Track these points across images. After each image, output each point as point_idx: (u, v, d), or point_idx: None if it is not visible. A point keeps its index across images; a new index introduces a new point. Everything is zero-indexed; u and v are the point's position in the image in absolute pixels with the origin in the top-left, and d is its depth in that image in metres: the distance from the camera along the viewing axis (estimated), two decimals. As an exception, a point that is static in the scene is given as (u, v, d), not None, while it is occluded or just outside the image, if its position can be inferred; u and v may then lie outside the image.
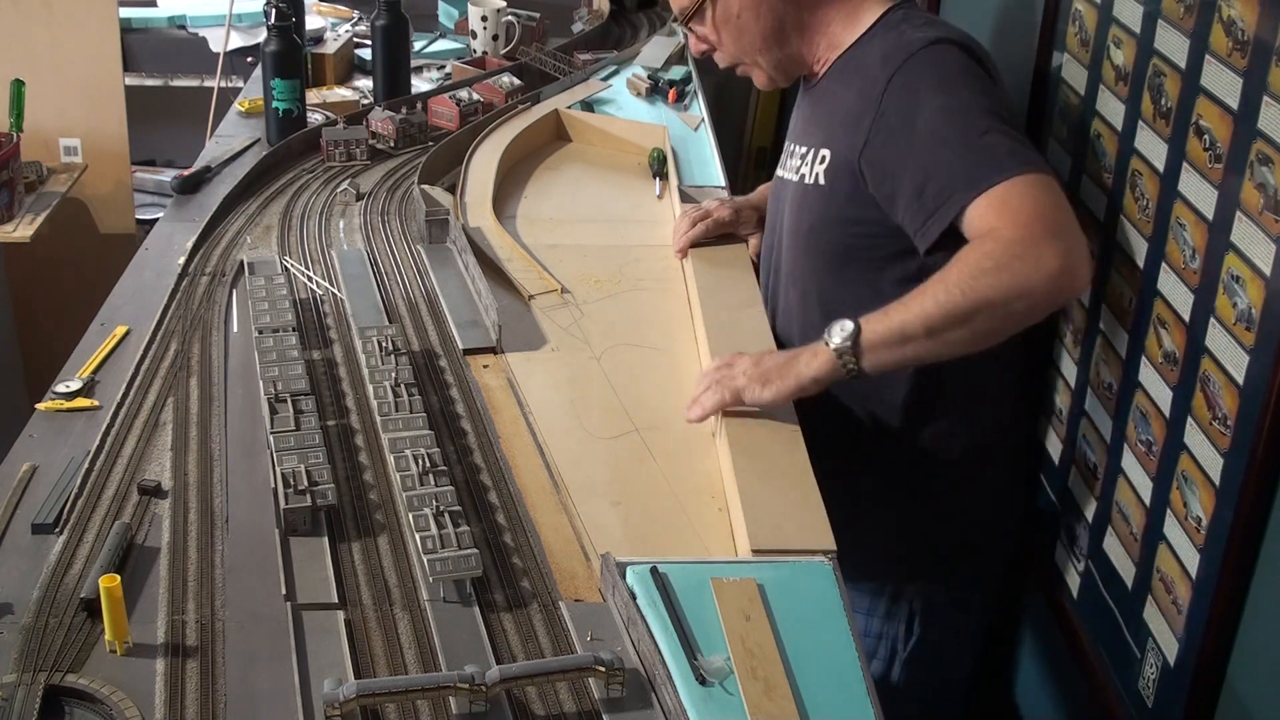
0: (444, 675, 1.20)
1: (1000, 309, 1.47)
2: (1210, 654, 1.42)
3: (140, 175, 3.70)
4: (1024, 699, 2.03)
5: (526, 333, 1.86)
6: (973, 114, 1.57)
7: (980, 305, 1.47)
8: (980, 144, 1.54)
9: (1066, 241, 1.47)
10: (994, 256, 1.47)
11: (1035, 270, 1.45)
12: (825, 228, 1.77)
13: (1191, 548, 1.45)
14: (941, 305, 1.48)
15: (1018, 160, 1.53)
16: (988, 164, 1.53)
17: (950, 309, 1.48)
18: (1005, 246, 1.47)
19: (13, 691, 1.17)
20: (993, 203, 1.51)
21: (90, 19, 3.29)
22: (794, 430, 1.59)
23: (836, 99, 1.76)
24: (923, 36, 1.66)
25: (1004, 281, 1.46)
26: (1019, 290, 1.46)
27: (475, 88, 2.76)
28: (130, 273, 2.06)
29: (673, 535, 1.47)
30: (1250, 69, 1.33)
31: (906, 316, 1.51)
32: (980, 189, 1.52)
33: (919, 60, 1.63)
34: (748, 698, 1.18)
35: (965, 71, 1.63)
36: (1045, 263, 1.45)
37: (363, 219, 2.23)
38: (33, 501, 1.45)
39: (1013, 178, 1.51)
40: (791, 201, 1.84)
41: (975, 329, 1.49)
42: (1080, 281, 1.51)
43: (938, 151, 1.58)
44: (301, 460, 1.48)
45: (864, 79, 1.70)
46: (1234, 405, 1.36)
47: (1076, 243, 1.49)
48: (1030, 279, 1.45)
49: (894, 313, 1.52)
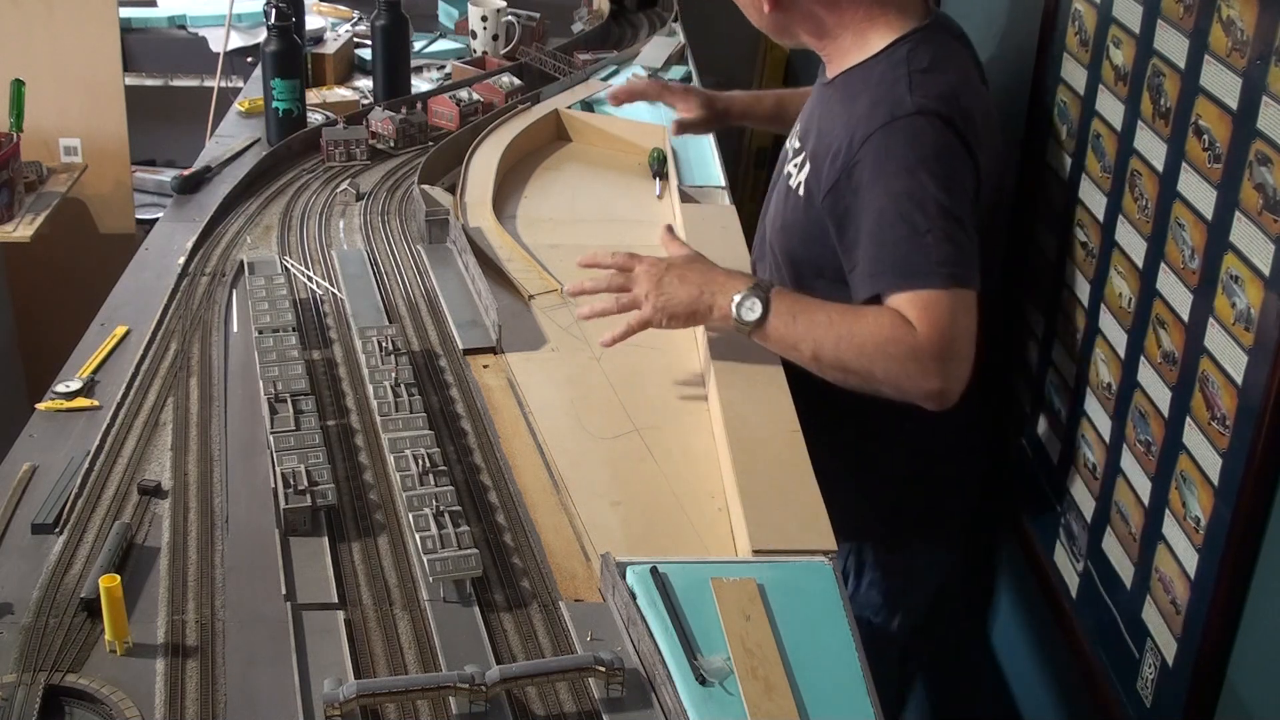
0: (444, 675, 1.20)
1: (874, 383, 1.65)
2: (1209, 654, 1.42)
3: (140, 175, 3.70)
4: (1022, 698, 2.04)
5: (526, 333, 1.86)
6: (928, 207, 1.65)
7: (862, 372, 1.64)
8: (924, 242, 1.64)
9: (957, 365, 1.63)
10: (899, 347, 1.62)
11: (919, 381, 1.62)
12: (793, 232, 1.86)
13: (1190, 548, 1.45)
14: (835, 348, 1.64)
15: (949, 270, 1.64)
16: (923, 264, 1.64)
17: (839, 357, 1.65)
18: (910, 348, 1.61)
19: (13, 691, 1.17)
20: (915, 302, 1.63)
21: (90, 19, 3.29)
22: (794, 430, 1.59)
23: (832, 118, 1.79)
24: (912, 100, 1.68)
25: (890, 372, 1.62)
26: (896, 386, 1.64)
27: (475, 88, 2.76)
28: (130, 273, 2.06)
29: (673, 535, 1.47)
30: (1249, 69, 1.33)
31: (807, 334, 1.66)
32: (908, 285, 1.64)
33: (900, 130, 1.68)
34: (748, 698, 1.18)
35: (937, 156, 1.68)
36: (929, 380, 1.62)
37: (363, 219, 2.23)
38: (33, 501, 1.45)
39: (939, 289, 1.63)
40: (779, 192, 1.93)
41: (847, 380, 1.67)
42: (947, 404, 1.65)
43: (885, 231, 1.67)
44: (301, 460, 1.48)
45: (854, 117, 1.73)
46: (1233, 405, 1.36)
47: (963, 369, 1.64)
48: (910, 385, 1.63)
49: (801, 321, 1.66)
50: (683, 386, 1.75)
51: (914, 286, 1.64)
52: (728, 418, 1.60)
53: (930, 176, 1.65)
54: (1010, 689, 2.08)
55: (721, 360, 1.73)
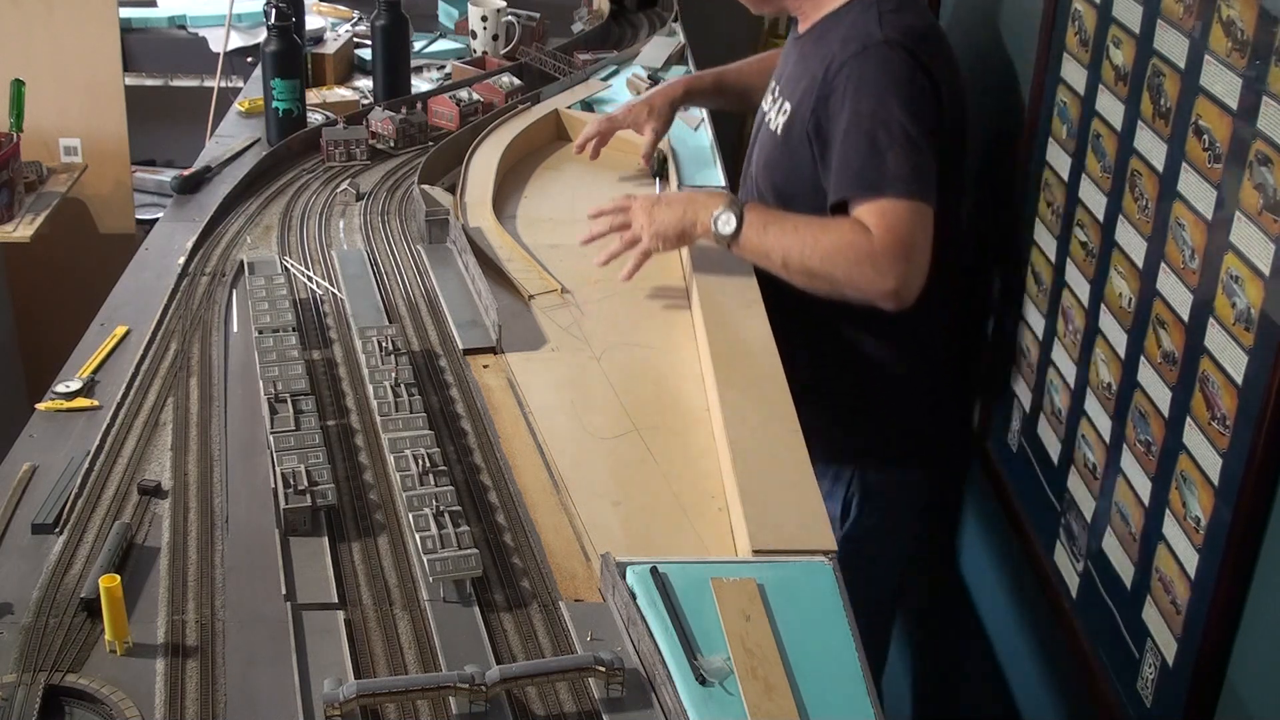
0: (444, 675, 1.20)
1: (837, 286, 1.85)
2: (1209, 654, 1.42)
3: (140, 175, 3.70)
4: (1022, 698, 2.04)
5: (526, 333, 1.86)
6: (892, 128, 1.83)
7: (825, 276, 1.84)
8: (884, 158, 1.83)
9: (911, 268, 1.81)
10: (856, 251, 1.81)
11: (875, 282, 1.81)
12: (776, 168, 2.05)
13: (1190, 548, 1.45)
14: (801, 255, 1.84)
15: (905, 184, 1.82)
16: (882, 177, 1.83)
17: (806, 263, 1.84)
18: (867, 251, 1.80)
19: (13, 691, 1.17)
20: (873, 210, 1.82)
21: (90, 19, 3.29)
22: (794, 430, 1.59)
23: (808, 63, 1.98)
24: (880, 34, 1.87)
25: (850, 274, 1.82)
26: (855, 287, 1.83)
27: (475, 88, 2.76)
28: (130, 273, 2.06)
29: (673, 535, 1.47)
30: (1249, 69, 1.33)
31: (778, 242, 1.86)
32: (868, 195, 1.83)
33: (869, 58, 1.86)
34: (748, 698, 1.18)
35: (904, 81, 1.85)
36: (885, 281, 1.80)
37: (363, 219, 2.23)
38: (33, 501, 1.45)
39: (895, 199, 1.81)
40: (761, 138, 2.13)
41: (813, 285, 1.86)
42: (904, 303, 1.83)
43: (850, 147, 1.86)
44: (301, 460, 1.48)
45: (828, 53, 1.92)
46: (1233, 405, 1.36)
47: (918, 271, 1.82)
48: (868, 285, 1.82)
49: (772, 231, 1.87)
50: (683, 386, 1.75)
51: (873, 196, 1.82)
52: (728, 418, 1.60)
53: (896, 100, 1.84)
54: (1010, 689, 2.08)
55: (721, 360, 1.73)
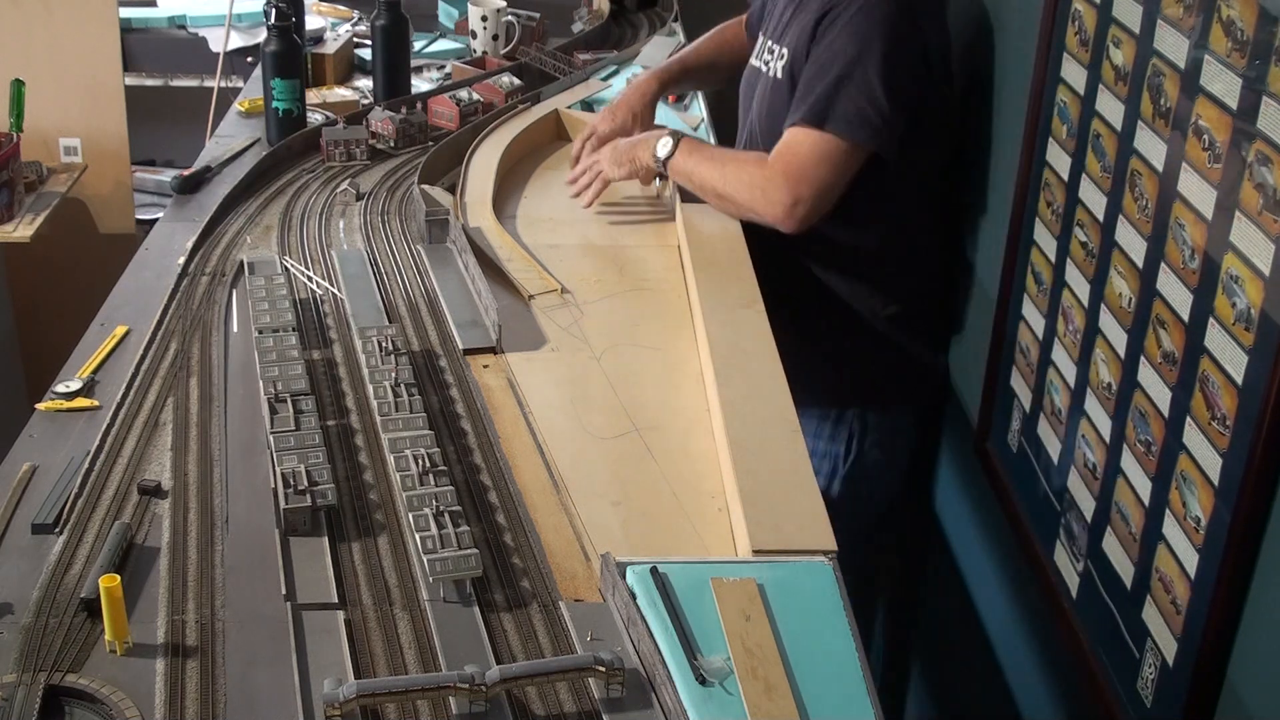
0: (444, 675, 1.20)
1: (741, 210, 2.11)
2: (1209, 654, 1.42)
3: (140, 175, 3.70)
4: (1022, 698, 2.04)
5: (526, 333, 1.86)
6: (856, 68, 2.00)
7: (731, 199, 2.10)
8: (834, 94, 2.01)
9: (803, 195, 2.03)
10: (754, 175, 2.06)
11: (768, 206, 2.06)
12: (776, 113, 2.17)
13: (1190, 548, 1.45)
14: (714, 180, 2.11)
15: (843, 122, 2.01)
16: (818, 109, 2.02)
17: (716, 186, 2.11)
18: (761, 175, 2.05)
19: (13, 691, 1.17)
20: (795, 136, 2.04)
21: (90, 19, 3.29)
22: (794, 430, 1.59)
23: (804, 5, 2.13)
24: None
25: (745, 196, 2.08)
26: (751, 209, 2.09)
27: (475, 88, 2.76)
28: (130, 273, 2.06)
29: (673, 535, 1.47)
30: (1249, 69, 1.33)
31: (696, 169, 2.13)
32: (804, 121, 2.03)
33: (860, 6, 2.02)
34: (748, 698, 1.18)
35: (891, 34, 2.01)
36: (772, 206, 2.05)
37: (363, 219, 2.23)
38: (33, 501, 1.46)
39: (814, 129, 2.02)
40: (760, 89, 2.28)
41: (725, 209, 2.13)
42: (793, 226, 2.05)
43: (817, 78, 2.04)
44: (301, 460, 1.48)
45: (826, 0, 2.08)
46: (1233, 405, 1.36)
47: (809, 205, 2.04)
48: (759, 206, 2.07)
49: (696, 157, 2.13)
50: (683, 386, 1.76)
51: (800, 124, 2.03)
52: (728, 418, 1.60)
53: (879, 49, 1.99)
54: (1010, 689, 2.08)
55: (721, 360, 1.73)
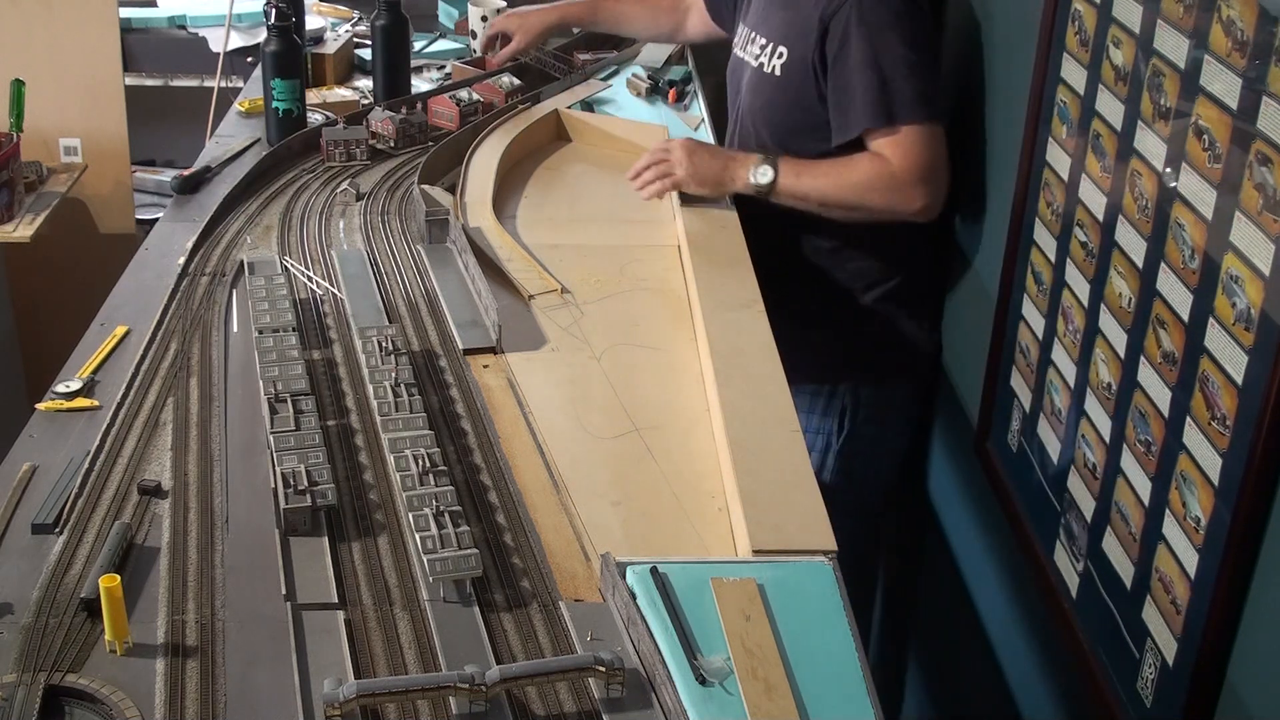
0: (444, 675, 1.20)
1: (873, 214, 2.16)
2: (1209, 654, 1.42)
3: (140, 175, 3.70)
4: (1022, 698, 2.04)
5: (526, 333, 1.86)
6: (894, 58, 2.07)
7: (860, 207, 2.15)
8: (888, 90, 2.08)
9: (933, 186, 2.12)
10: (882, 180, 2.11)
11: (905, 204, 2.13)
12: (777, 108, 2.27)
13: (1190, 548, 1.45)
14: (838, 193, 2.15)
15: (916, 108, 2.08)
16: (889, 108, 2.09)
17: (842, 199, 2.15)
18: (890, 178, 2.10)
19: (13, 691, 1.17)
20: (889, 138, 2.10)
21: (90, 19, 3.29)
22: (794, 430, 1.59)
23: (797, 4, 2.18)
24: None
25: (884, 201, 2.13)
26: (890, 211, 2.14)
27: (475, 88, 2.76)
28: (130, 273, 2.06)
29: (673, 535, 1.47)
30: (1250, 69, 1.33)
31: (812, 185, 2.15)
32: (882, 125, 2.10)
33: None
34: (748, 698, 1.18)
35: (900, 14, 2.09)
36: (913, 201, 2.12)
37: (363, 219, 2.23)
38: (33, 501, 1.46)
39: (909, 124, 2.09)
40: (749, 82, 2.34)
41: (854, 217, 2.18)
42: (931, 217, 2.15)
43: (860, 83, 2.10)
44: (301, 460, 1.48)
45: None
46: (1233, 405, 1.36)
47: (939, 189, 2.13)
48: (900, 208, 2.13)
49: (805, 177, 2.15)
50: (683, 386, 1.76)
51: (887, 126, 2.09)
52: (728, 418, 1.60)
53: (895, 34, 2.08)
54: (1010, 689, 2.08)
55: (721, 360, 1.73)
